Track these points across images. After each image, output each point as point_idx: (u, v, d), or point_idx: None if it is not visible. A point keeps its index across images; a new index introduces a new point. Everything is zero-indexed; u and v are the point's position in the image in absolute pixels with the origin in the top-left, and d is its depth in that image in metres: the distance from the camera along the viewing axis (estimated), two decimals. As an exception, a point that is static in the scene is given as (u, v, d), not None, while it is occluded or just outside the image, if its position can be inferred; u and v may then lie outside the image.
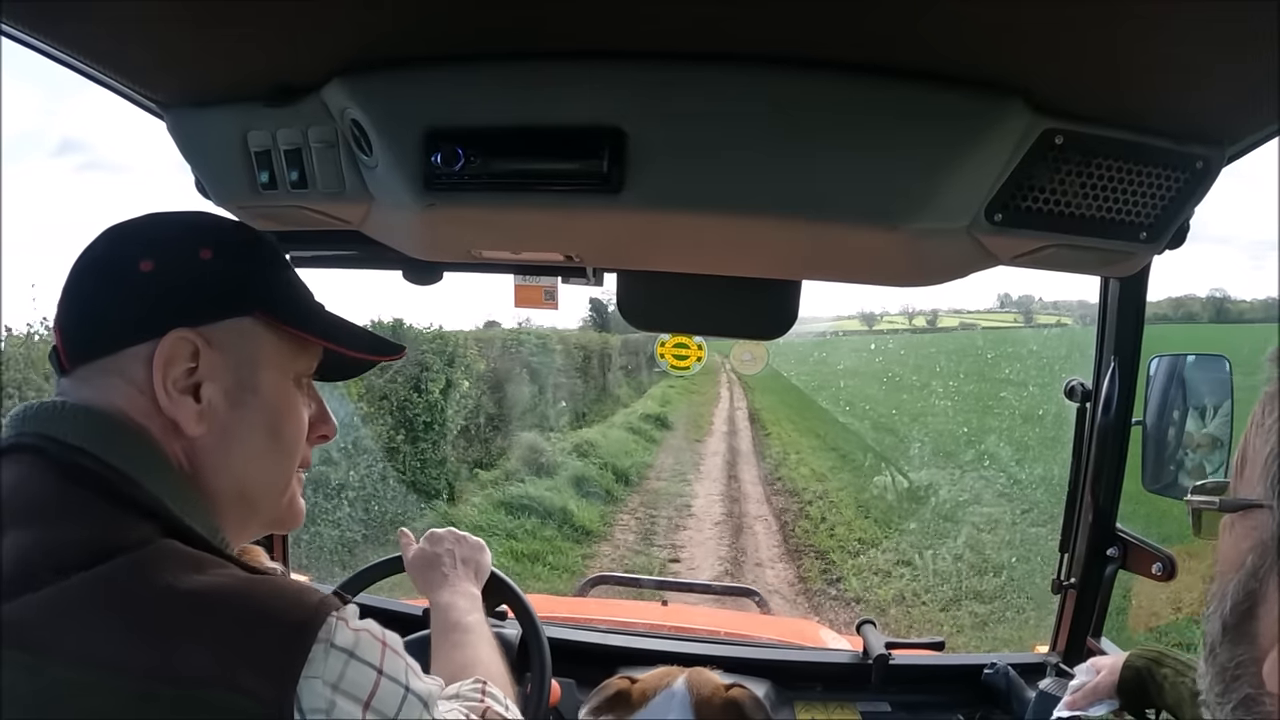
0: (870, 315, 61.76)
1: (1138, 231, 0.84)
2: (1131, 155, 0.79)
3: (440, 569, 1.09)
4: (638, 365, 20.79)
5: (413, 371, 7.63)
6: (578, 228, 0.89)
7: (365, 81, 0.79)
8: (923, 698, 1.41)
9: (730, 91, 0.73)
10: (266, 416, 0.65)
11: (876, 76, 0.72)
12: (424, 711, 0.58)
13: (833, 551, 7.15)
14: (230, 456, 0.63)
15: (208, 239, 0.64)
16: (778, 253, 0.93)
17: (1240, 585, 0.42)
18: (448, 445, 8.18)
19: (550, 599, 2.37)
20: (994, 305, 59.08)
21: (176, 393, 0.60)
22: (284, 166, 0.90)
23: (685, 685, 0.94)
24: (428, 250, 1.03)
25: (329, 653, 0.52)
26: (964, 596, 6.11)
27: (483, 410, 9.38)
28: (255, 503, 0.66)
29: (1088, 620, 1.36)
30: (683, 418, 15.77)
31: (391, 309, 18.85)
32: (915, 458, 11.09)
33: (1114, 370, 1.25)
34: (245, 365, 0.63)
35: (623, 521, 8.10)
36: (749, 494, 9.53)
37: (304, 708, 0.50)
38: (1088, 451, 1.30)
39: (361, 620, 0.57)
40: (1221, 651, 0.43)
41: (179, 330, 0.60)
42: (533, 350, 11.57)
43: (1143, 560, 1.26)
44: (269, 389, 0.65)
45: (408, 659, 0.59)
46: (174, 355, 0.60)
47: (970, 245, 0.84)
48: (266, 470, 0.66)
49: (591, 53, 0.73)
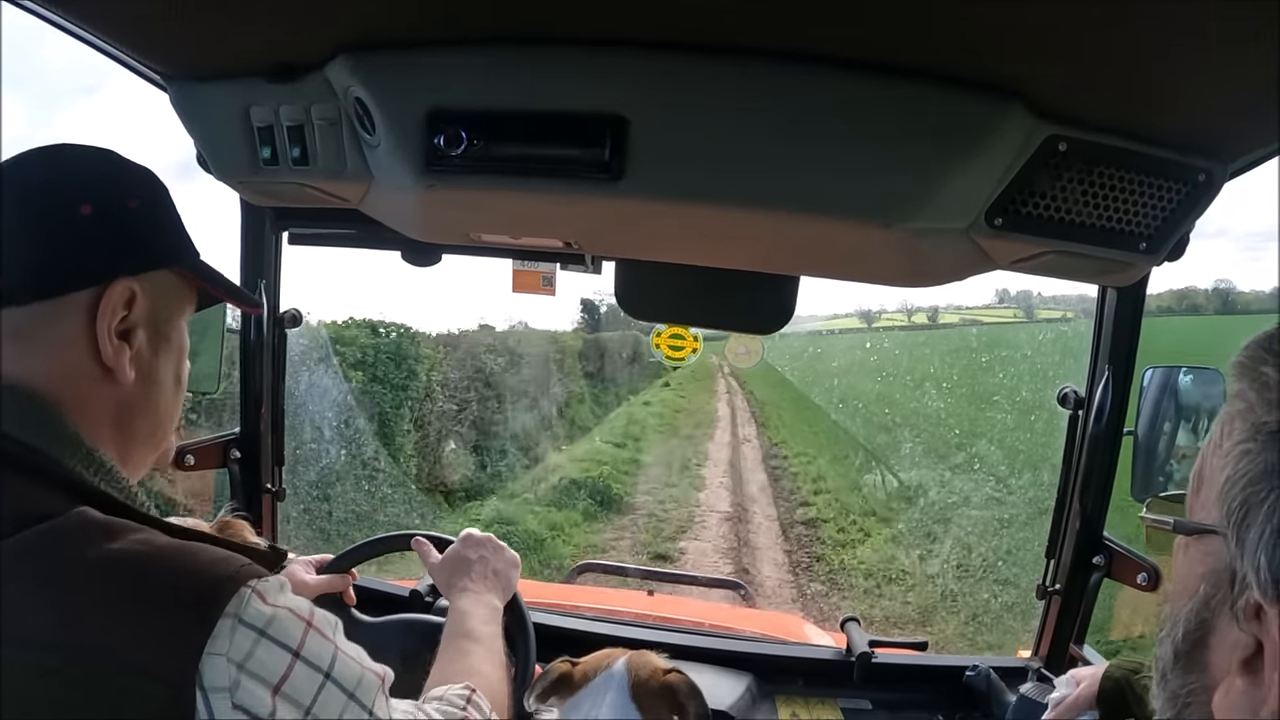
0: (868, 313, 61.49)
1: (1138, 242, 0.84)
2: (1134, 165, 0.79)
3: (469, 574, 1.04)
4: (604, 373, 16.76)
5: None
6: (577, 214, 0.89)
7: (370, 60, 0.79)
8: (904, 696, 1.42)
9: (733, 85, 0.73)
10: (175, 359, 0.68)
11: (878, 75, 0.72)
12: (349, 703, 0.54)
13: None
14: (150, 400, 0.65)
15: (132, 188, 0.65)
16: (776, 247, 0.93)
17: (1193, 613, 0.41)
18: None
19: (537, 585, 2.37)
20: (993, 301, 58.93)
21: (117, 340, 0.60)
22: (286, 142, 0.90)
23: (625, 667, 0.95)
24: (427, 231, 1.03)
25: (236, 629, 0.49)
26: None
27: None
28: (160, 442, 0.69)
29: (1071, 627, 1.37)
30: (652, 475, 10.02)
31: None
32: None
33: (1108, 379, 1.25)
34: (163, 313, 0.66)
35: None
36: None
37: (205, 684, 0.48)
38: (1078, 459, 1.31)
39: (290, 596, 0.54)
40: (1173, 678, 0.42)
41: (123, 279, 0.61)
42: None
43: (1128, 570, 1.26)
44: (177, 336, 0.68)
45: (340, 643, 0.56)
46: (116, 303, 0.60)
47: (968, 248, 0.84)
48: (173, 410, 0.69)
49: (597, 40, 0.73)
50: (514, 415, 10.43)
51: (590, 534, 7.55)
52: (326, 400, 6.64)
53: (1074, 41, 0.64)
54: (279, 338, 1.41)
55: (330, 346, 6.95)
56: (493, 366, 10.11)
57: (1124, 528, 1.33)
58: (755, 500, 9.05)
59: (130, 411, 0.63)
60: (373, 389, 7.35)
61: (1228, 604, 0.38)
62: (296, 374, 6.05)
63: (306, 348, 6.48)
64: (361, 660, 0.58)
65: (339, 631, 0.57)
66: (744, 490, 9.48)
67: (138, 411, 0.64)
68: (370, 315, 7.91)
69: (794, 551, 7.16)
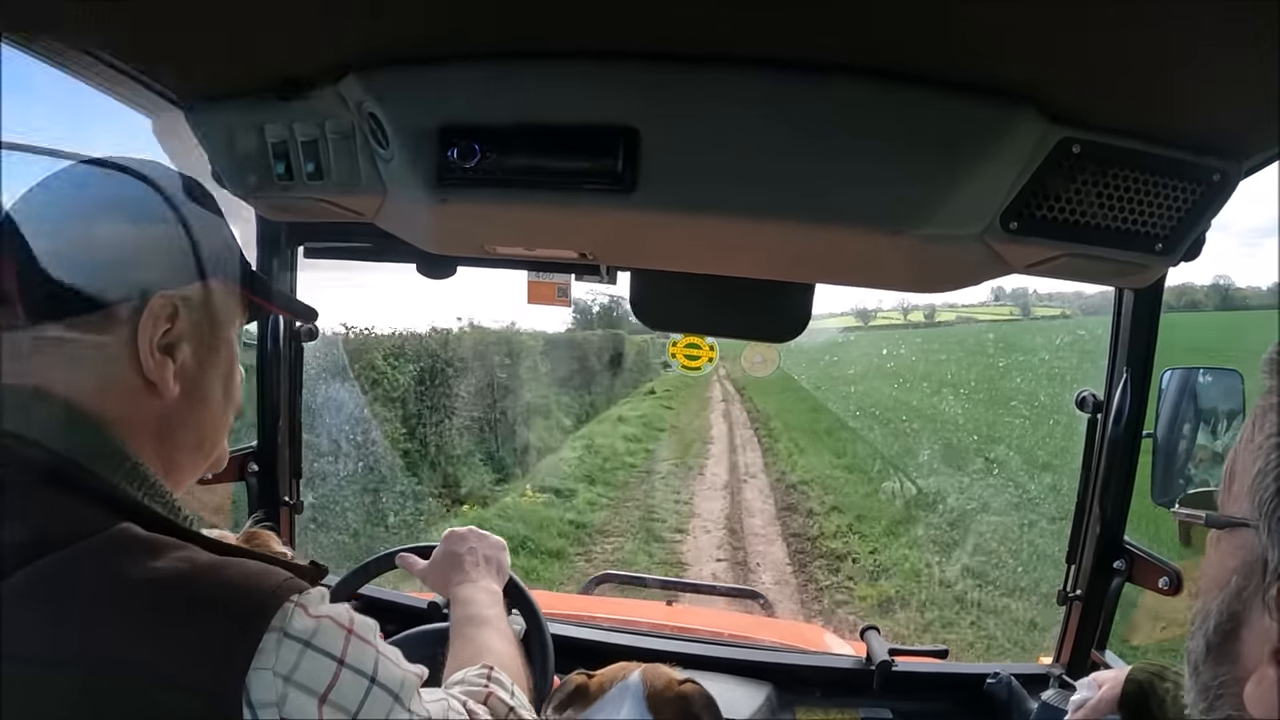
0: (865, 311, 61.63)
1: (1153, 243, 0.83)
2: (1149, 167, 0.79)
3: (463, 566, 1.08)
4: (578, 379, 14.43)
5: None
6: (591, 226, 0.89)
7: (382, 76, 0.80)
8: (924, 705, 1.41)
9: (743, 95, 0.74)
10: (224, 372, 0.67)
11: (886, 82, 0.72)
12: (394, 705, 0.55)
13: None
14: (196, 415, 0.64)
15: (176, 199, 0.64)
16: (789, 256, 0.93)
17: (1225, 605, 0.42)
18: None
19: (555, 596, 2.37)
20: (989, 299, 58.66)
21: (160, 354, 0.60)
22: (300, 158, 0.91)
23: (640, 678, 0.96)
24: (441, 244, 1.04)
25: (282, 642, 0.50)
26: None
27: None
28: (209, 453, 0.68)
29: (1092, 632, 1.35)
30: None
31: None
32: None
33: (1126, 381, 1.24)
34: (209, 325, 0.65)
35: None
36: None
37: (253, 700, 0.48)
38: (1097, 462, 1.29)
39: (330, 605, 0.54)
40: (1204, 670, 0.43)
41: (163, 291, 0.60)
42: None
43: (1149, 574, 1.25)
44: (226, 349, 0.67)
45: (380, 647, 0.57)
46: (159, 316, 0.60)
47: (983, 252, 0.84)
48: (221, 422, 0.68)
49: (607, 53, 0.74)
50: (447, 437, 8.54)
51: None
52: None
53: (1083, 45, 0.64)
54: (295, 351, 1.42)
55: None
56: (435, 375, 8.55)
57: (1144, 532, 1.31)
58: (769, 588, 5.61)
59: (174, 425, 0.63)
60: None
61: (1259, 595, 0.39)
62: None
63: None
64: (400, 663, 0.58)
65: (378, 634, 0.57)
66: (752, 573, 6.18)
67: (182, 425, 0.63)
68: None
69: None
